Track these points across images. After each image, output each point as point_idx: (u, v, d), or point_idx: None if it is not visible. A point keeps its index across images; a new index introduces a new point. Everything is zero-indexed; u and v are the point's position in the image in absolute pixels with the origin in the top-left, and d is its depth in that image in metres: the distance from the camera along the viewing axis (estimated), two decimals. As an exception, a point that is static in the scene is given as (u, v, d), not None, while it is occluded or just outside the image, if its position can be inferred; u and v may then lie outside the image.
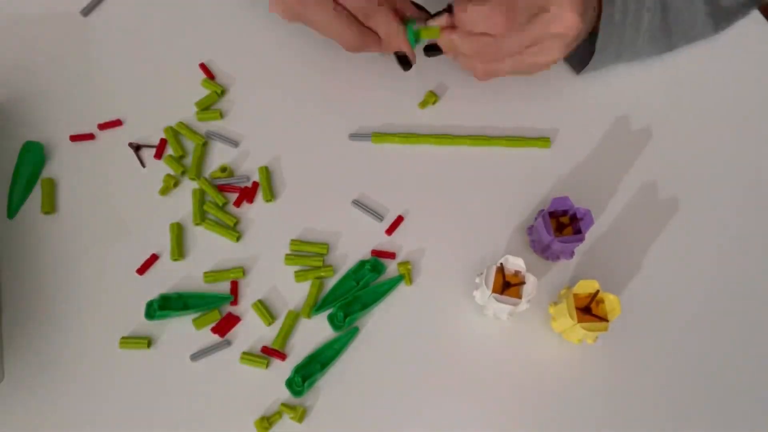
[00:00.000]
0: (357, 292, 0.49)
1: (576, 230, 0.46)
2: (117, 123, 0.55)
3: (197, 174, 0.53)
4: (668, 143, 0.55)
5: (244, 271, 0.50)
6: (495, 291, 0.44)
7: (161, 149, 0.54)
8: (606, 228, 0.52)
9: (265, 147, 0.55)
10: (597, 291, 0.44)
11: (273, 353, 0.47)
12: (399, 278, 0.50)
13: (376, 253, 0.50)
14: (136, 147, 0.54)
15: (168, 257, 0.50)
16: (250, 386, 0.46)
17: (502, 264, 0.44)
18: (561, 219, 0.48)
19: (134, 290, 0.49)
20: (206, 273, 0.50)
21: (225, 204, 0.52)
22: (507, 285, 0.44)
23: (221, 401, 0.46)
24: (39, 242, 0.51)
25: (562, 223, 0.48)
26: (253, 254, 0.51)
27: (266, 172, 0.53)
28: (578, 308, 0.44)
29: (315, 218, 0.52)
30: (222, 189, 0.53)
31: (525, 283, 0.44)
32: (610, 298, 0.44)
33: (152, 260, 0.50)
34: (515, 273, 0.45)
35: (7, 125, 0.55)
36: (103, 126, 0.55)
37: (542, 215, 0.47)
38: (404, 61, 0.51)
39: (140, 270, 0.50)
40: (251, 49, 0.58)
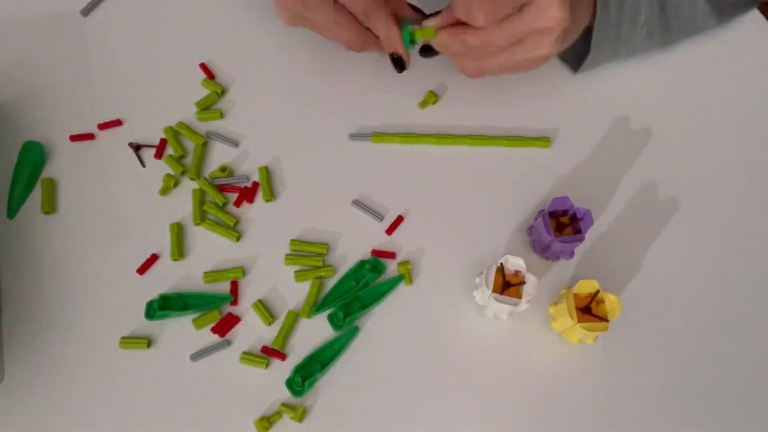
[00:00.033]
0: (357, 292, 0.49)
1: (576, 230, 0.46)
2: (117, 123, 0.55)
3: (197, 174, 0.53)
4: (668, 143, 0.55)
5: (244, 271, 0.50)
6: (495, 291, 0.44)
7: (161, 149, 0.54)
8: (606, 228, 0.52)
9: (265, 147, 0.55)
10: (597, 291, 0.44)
11: (273, 353, 0.47)
12: (399, 278, 0.50)
13: (376, 253, 0.50)
14: (136, 147, 0.54)
15: (168, 257, 0.50)
16: (250, 386, 0.46)
17: (502, 264, 0.44)
18: (561, 219, 0.48)
19: (134, 290, 0.49)
20: (206, 273, 0.50)
21: (225, 204, 0.52)
22: (507, 285, 0.44)
23: (221, 401, 0.46)
24: (39, 242, 0.51)
25: (562, 223, 0.48)
26: (253, 254, 0.51)
27: (266, 172, 0.53)
28: (578, 308, 0.44)
29: (315, 218, 0.52)
30: (222, 189, 0.53)
31: (525, 283, 0.44)
32: (610, 298, 0.44)
33: (152, 260, 0.50)
34: (515, 273, 0.45)
35: (7, 125, 0.55)
36: (103, 126, 0.55)
37: (542, 215, 0.47)
38: (398, 63, 0.50)
39: (140, 270, 0.50)
40: (251, 49, 0.58)
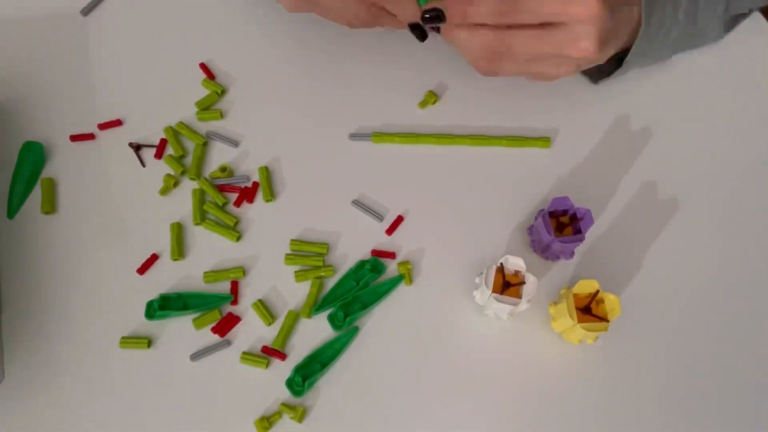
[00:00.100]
0: (357, 292, 0.49)
1: (576, 230, 0.46)
2: (117, 123, 0.55)
3: (197, 174, 0.53)
4: (668, 143, 0.55)
5: (244, 271, 0.50)
6: (495, 291, 0.44)
7: (161, 149, 0.54)
8: (606, 228, 0.52)
9: (265, 147, 0.55)
10: (597, 291, 0.44)
11: (273, 353, 0.47)
12: (399, 278, 0.50)
13: (376, 253, 0.50)
14: (136, 147, 0.54)
15: (168, 257, 0.50)
16: (250, 386, 0.46)
17: (502, 264, 0.44)
18: (561, 219, 0.48)
19: (134, 290, 0.49)
20: (206, 273, 0.50)
21: (225, 204, 0.52)
22: (507, 285, 0.44)
23: (221, 401, 0.46)
24: (39, 242, 0.51)
25: (562, 223, 0.48)
26: (253, 254, 0.51)
27: (266, 172, 0.53)
28: (578, 308, 0.44)
29: (315, 218, 0.52)
30: (222, 189, 0.53)
31: (525, 283, 0.44)
32: (610, 298, 0.44)
33: (152, 260, 0.50)
34: (515, 273, 0.45)
35: (7, 125, 0.55)
36: (103, 126, 0.55)
37: (542, 215, 0.47)
38: (419, 30, 0.48)
39: (140, 270, 0.50)
40: (251, 49, 0.58)
